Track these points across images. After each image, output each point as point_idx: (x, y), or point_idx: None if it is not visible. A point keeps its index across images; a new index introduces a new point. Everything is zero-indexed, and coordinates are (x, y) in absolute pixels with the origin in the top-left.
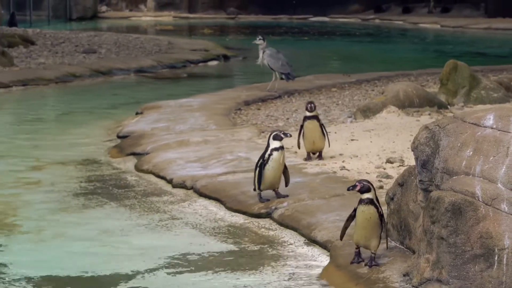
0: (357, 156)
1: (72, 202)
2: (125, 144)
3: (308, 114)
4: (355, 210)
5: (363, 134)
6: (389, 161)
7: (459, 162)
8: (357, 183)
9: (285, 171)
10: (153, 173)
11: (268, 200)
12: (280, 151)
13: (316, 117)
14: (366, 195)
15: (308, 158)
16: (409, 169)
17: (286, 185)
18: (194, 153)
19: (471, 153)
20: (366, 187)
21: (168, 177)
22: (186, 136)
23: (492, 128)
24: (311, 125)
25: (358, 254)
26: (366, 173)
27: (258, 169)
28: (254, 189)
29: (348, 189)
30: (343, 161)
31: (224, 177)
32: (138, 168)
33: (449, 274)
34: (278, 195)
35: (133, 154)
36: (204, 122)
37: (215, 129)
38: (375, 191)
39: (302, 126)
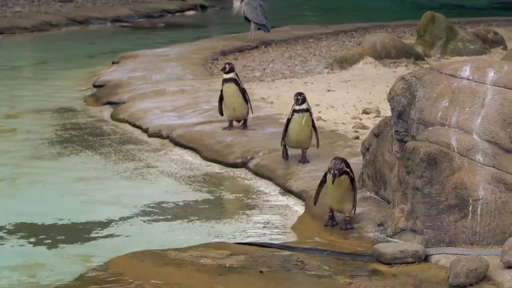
0: (333, 107)
1: (47, 150)
2: (101, 93)
3: (225, 76)
4: (325, 175)
5: (340, 85)
6: (365, 111)
7: (435, 113)
8: (335, 171)
9: (315, 133)
10: (129, 122)
11: (288, 159)
12: (300, 113)
13: (234, 80)
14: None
15: (230, 126)
16: (385, 119)
17: (317, 146)
18: (170, 102)
19: (447, 104)
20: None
21: (144, 126)
22: (163, 85)
23: (468, 79)
24: (229, 89)
25: (331, 217)
26: (342, 123)
27: (286, 124)
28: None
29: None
30: (319, 112)
31: (200, 126)
32: (114, 117)
33: (423, 224)
34: (302, 158)
35: (109, 103)
36: (181, 72)
37: (192, 79)
38: (351, 169)
39: (221, 91)
